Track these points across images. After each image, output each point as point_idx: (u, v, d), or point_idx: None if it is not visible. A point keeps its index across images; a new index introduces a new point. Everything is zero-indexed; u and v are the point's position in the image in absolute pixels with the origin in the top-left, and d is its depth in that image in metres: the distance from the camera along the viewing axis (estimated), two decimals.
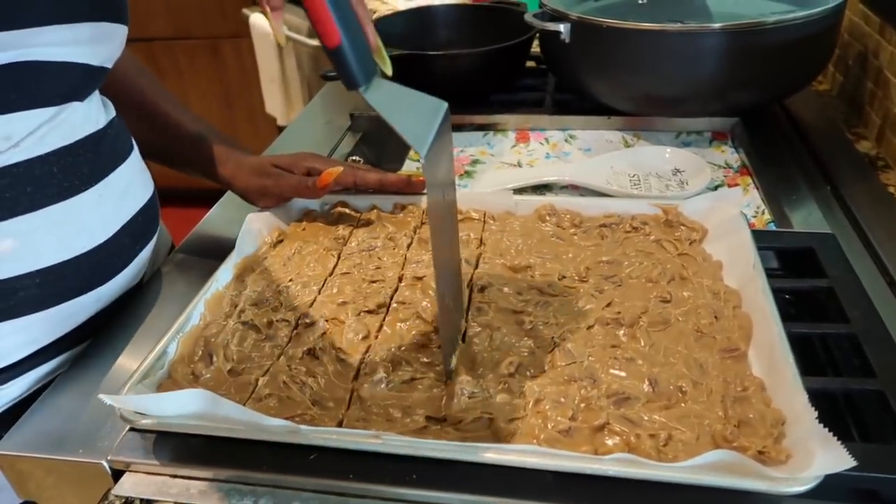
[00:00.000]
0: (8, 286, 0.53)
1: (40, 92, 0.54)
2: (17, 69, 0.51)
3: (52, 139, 0.55)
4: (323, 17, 0.42)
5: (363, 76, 0.44)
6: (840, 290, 0.57)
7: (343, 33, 0.42)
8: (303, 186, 0.67)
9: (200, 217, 0.78)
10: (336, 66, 0.44)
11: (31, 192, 0.53)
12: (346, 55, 0.43)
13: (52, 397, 0.54)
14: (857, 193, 0.74)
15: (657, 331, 0.53)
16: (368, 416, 0.47)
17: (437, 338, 0.53)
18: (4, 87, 0.51)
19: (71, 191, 0.56)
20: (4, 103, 0.51)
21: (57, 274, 0.56)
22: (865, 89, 0.92)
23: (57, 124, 0.55)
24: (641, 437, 0.44)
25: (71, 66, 0.55)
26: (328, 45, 0.43)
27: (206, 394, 0.45)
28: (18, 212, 0.53)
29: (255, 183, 0.69)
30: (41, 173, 0.54)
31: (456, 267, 0.54)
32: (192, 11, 2.35)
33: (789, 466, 0.41)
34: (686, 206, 0.65)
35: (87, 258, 0.58)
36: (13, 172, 0.52)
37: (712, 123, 0.90)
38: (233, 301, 0.58)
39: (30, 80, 0.52)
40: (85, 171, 0.58)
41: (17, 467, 0.50)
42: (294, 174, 0.69)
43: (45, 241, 0.55)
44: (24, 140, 0.52)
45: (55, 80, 0.54)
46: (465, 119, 0.96)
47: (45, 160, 0.54)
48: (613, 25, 0.82)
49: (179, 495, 0.45)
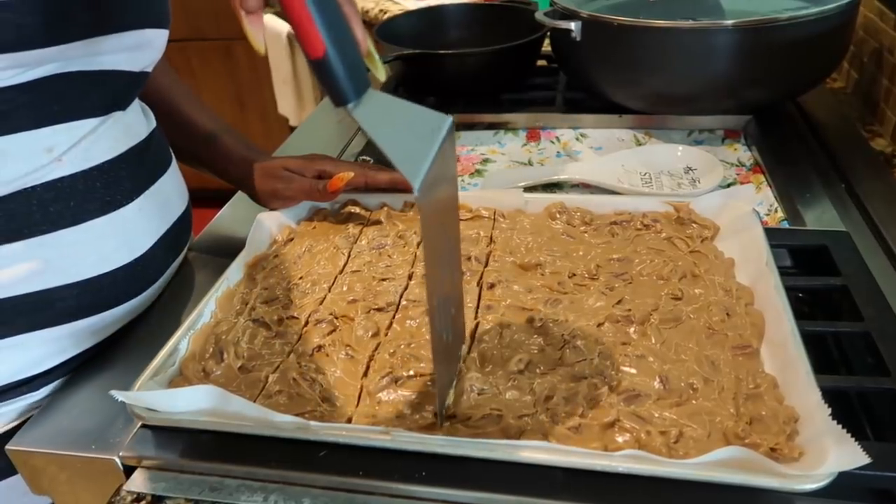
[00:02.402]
0: (45, 297, 0.54)
1: (83, 102, 0.54)
2: (58, 80, 0.51)
3: (96, 153, 0.55)
4: (304, 22, 0.36)
5: (353, 90, 0.38)
6: (854, 288, 0.56)
7: (328, 41, 0.37)
8: (314, 190, 0.67)
9: (212, 216, 0.78)
10: (321, 80, 0.38)
11: (74, 206, 0.54)
12: (333, 67, 0.37)
13: (66, 394, 0.54)
14: (872, 191, 0.73)
15: (668, 328, 0.52)
16: (378, 413, 0.47)
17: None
18: (46, 100, 0.51)
19: (113, 205, 0.56)
20: (47, 115, 0.51)
21: (95, 286, 0.56)
22: (881, 86, 0.91)
23: (99, 137, 0.55)
24: (652, 434, 0.43)
25: (113, 73, 0.55)
26: (311, 56, 0.37)
27: (216, 390, 0.46)
28: (62, 225, 0.53)
29: (267, 185, 0.69)
30: (85, 188, 0.54)
31: (457, 302, 0.49)
32: (206, 13, 2.37)
33: (802, 464, 0.41)
34: (698, 203, 0.65)
35: (124, 271, 0.58)
36: (58, 187, 0.53)
37: (725, 121, 0.89)
38: (243, 299, 0.59)
39: (72, 91, 0.52)
40: (127, 185, 0.58)
41: (31, 463, 0.50)
42: (305, 177, 0.68)
43: (86, 254, 0.55)
44: (66, 153, 0.53)
45: (98, 90, 0.54)
46: (476, 118, 0.96)
47: (88, 175, 0.54)
48: (625, 23, 0.81)
49: (190, 491, 0.45)
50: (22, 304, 0.53)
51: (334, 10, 0.37)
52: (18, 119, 0.50)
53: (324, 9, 0.36)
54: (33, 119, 0.51)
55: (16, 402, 0.57)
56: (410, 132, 0.39)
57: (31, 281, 0.53)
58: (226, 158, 0.71)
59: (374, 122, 0.38)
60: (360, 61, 0.39)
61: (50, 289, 0.54)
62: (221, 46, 2.43)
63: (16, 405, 0.57)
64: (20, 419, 0.57)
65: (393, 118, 0.39)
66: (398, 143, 0.38)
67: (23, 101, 0.50)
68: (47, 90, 0.51)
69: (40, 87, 0.50)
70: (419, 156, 0.37)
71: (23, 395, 0.57)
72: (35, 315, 0.54)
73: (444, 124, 0.40)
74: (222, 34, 2.40)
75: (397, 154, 0.37)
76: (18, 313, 0.53)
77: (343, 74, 0.38)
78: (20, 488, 0.53)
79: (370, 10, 1.58)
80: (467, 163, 0.88)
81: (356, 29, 0.40)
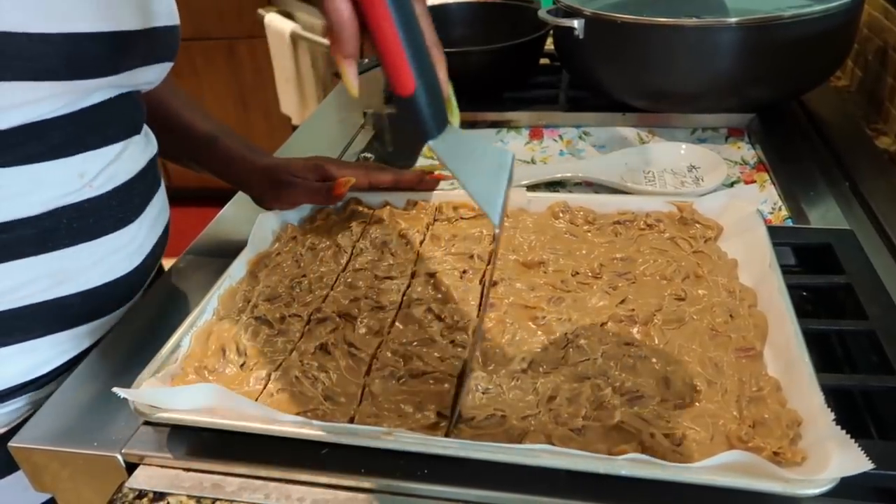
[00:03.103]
0: (62, 303, 0.57)
1: (111, 131, 0.57)
2: (96, 110, 0.55)
3: (118, 175, 0.58)
4: (397, 61, 0.37)
5: (436, 127, 0.40)
6: (858, 286, 0.56)
7: (418, 79, 0.38)
8: (317, 194, 0.68)
9: (212, 216, 0.78)
10: (407, 115, 0.40)
11: (93, 223, 0.57)
12: (420, 104, 0.39)
13: (68, 391, 0.54)
14: (877, 189, 0.72)
15: (671, 329, 0.52)
16: (380, 412, 0.47)
17: (447, 334, 0.53)
18: (84, 130, 0.54)
19: (124, 221, 0.60)
20: (82, 144, 0.55)
21: (99, 294, 0.59)
22: (885, 85, 0.91)
23: (123, 160, 0.59)
24: (656, 437, 0.43)
25: (134, 101, 0.59)
26: (401, 93, 0.38)
27: (218, 388, 0.46)
28: (81, 240, 0.56)
29: (270, 189, 0.69)
30: (104, 207, 0.57)
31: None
32: (209, 12, 2.37)
33: (805, 468, 0.40)
34: (701, 203, 0.65)
35: (125, 280, 0.61)
36: (84, 208, 0.56)
37: (728, 119, 0.89)
38: (246, 296, 0.59)
39: (104, 120, 0.56)
40: (136, 201, 0.61)
41: (33, 460, 0.50)
42: (308, 180, 0.68)
43: (98, 265, 0.58)
44: (96, 178, 0.56)
45: (123, 117, 0.59)
46: (479, 116, 0.95)
47: (110, 195, 0.58)
48: (628, 21, 0.81)
49: (192, 489, 0.45)
50: (40, 312, 0.56)
51: (424, 50, 0.39)
52: (59, 148, 0.53)
53: (416, 48, 0.38)
54: (71, 149, 0.54)
55: (20, 401, 0.58)
56: (483, 167, 0.42)
57: (52, 290, 0.56)
58: (226, 160, 0.72)
59: (453, 158, 0.41)
60: (442, 100, 0.41)
61: (65, 296, 0.57)
62: (225, 46, 2.44)
63: (18, 403, 0.58)
64: (21, 417, 0.58)
65: (467, 153, 0.42)
66: (476, 178, 0.41)
67: (69, 132, 0.53)
68: (87, 121, 0.54)
69: (83, 117, 0.54)
70: (495, 192, 0.41)
71: (27, 394, 0.58)
72: (51, 321, 0.57)
73: (507, 159, 0.43)
74: (226, 34, 2.41)
75: (477, 190, 0.40)
76: (35, 320, 0.56)
77: (428, 112, 0.40)
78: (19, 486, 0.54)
79: None
80: None
81: (441, 73, 0.41)
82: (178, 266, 0.69)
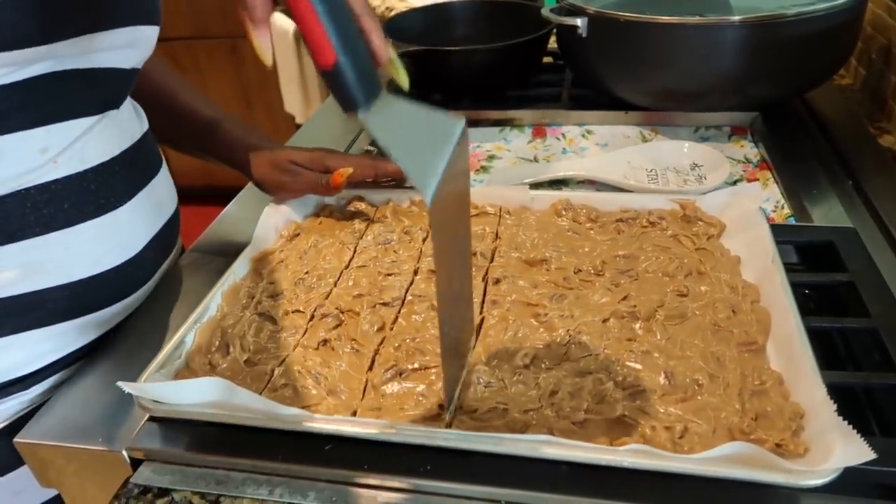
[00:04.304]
0: (37, 298, 0.54)
1: (77, 102, 0.53)
2: (52, 79, 0.51)
3: (91, 155, 0.55)
4: (314, 31, 0.36)
5: (363, 97, 0.38)
6: (861, 284, 0.56)
7: (339, 50, 0.37)
8: (318, 184, 0.67)
9: (215, 214, 0.78)
10: (331, 88, 0.38)
11: (69, 208, 0.54)
12: (343, 75, 0.37)
13: (73, 387, 0.54)
14: (879, 187, 0.72)
15: (674, 324, 0.52)
16: (382, 406, 0.47)
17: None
18: (41, 99, 0.51)
19: (106, 207, 0.56)
20: (41, 115, 0.51)
21: (86, 287, 0.56)
22: (889, 83, 0.91)
23: (93, 137, 0.55)
24: (657, 430, 0.43)
25: (106, 71, 0.55)
26: (321, 65, 0.37)
27: (222, 382, 0.46)
28: (54, 227, 0.53)
29: (272, 177, 0.69)
30: (79, 190, 0.54)
31: (466, 298, 0.50)
32: (212, 11, 2.37)
33: (807, 459, 0.41)
34: (704, 201, 0.65)
35: (115, 272, 0.58)
36: (52, 189, 0.52)
37: (731, 118, 0.89)
38: (249, 293, 0.59)
39: (66, 90, 0.52)
40: (121, 186, 0.58)
41: (39, 455, 0.51)
42: (311, 171, 0.68)
43: (78, 256, 0.55)
44: (61, 154, 0.52)
45: (91, 89, 0.54)
46: (482, 114, 0.95)
47: (83, 177, 0.54)
48: (631, 19, 0.81)
49: (196, 484, 0.45)
50: (12, 306, 0.53)
51: (347, 18, 0.37)
52: (12, 119, 0.50)
53: (336, 17, 0.36)
54: (28, 119, 0.50)
55: (8, 401, 0.56)
56: (422, 139, 0.39)
57: (22, 283, 0.53)
58: (229, 145, 0.71)
59: (385, 130, 0.38)
60: (372, 69, 0.39)
61: (40, 290, 0.54)
62: (228, 44, 2.44)
63: (7, 404, 0.56)
64: (11, 419, 0.57)
65: (404, 125, 0.39)
66: (409, 152, 0.37)
67: (17, 101, 0.49)
68: (41, 89, 0.50)
69: (34, 86, 0.50)
70: (431, 166, 0.37)
71: (14, 395, 0.56)
72: (25, 316, 0.54)
73: (456, 129, 0.39)
74: (229, 32, 2.41)
75: (409, 165, 0.37)
76: (8, 314, 0.53)
77: (355, 84, 0.38)
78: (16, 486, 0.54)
79: (377, 8, 1.58)
80: (473, 159, 0.88)
81: (374, 38, 0.40)
82: (182, 263, 0.70)
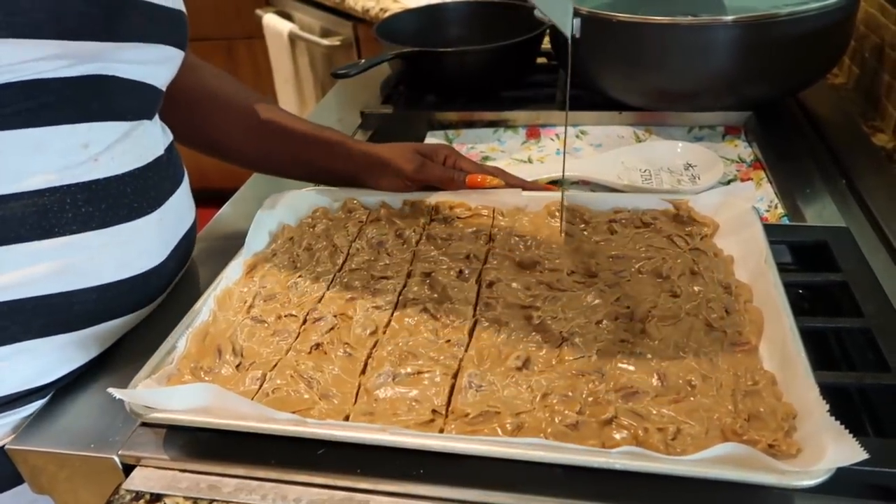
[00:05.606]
0: (65, 299, 0.53)
1: (118, 105, 0.55)
2: (98, 81, 0.53)
3: (128, 159, 0.56)
4: None
5: None
6: (854, 283, 0.56)
7: None
8: (448, 178, 0.71)
9: (212, 216, 0.79)
10: None
11: (105, 209, 0.54)
12: None
13: (65, 393, 0.54)
14: (873, 187, 0.72)
15: (666, 325, 0.52)
16: (375, 411, 0.47)
17: (444, 332, 0.53)
18: (86, 96, 0.52)
19: (139, 212, 0.57)
20: (86, 111, 0.52)
21: (114, 291, 0.56)
22: (882, 82, 0.91)
23: (131, 143, 0.56)
24: (650, 431, 0.43)
25: (140, 84, 0.57)
26: None
27: (214, 388, 0.46)
28: (91, 227, 0.54)
29: (409, 164, 0.72)
30: (116, 192, 0.55)
31: None
32: (207, 12, 2.37)
33: (800, 460, 0.40)
34: (697, 201, 0.65)
35: (142, 279, 0.58)
36: (92, 188, 0.53)
37: (725, 118, 0.89)
38: (242, 297, 0.59)
39: (108, 92, 0.54)
40: (152, 194, 0.59)
41: (31, 462, 0.50)
42: (436, 163, 0.72)
43: (109, 258, 0.55)
44: (102, 154, 0.54)
45: (130, 95, 0.57)
46: (476, 115, 0.95)
47: (121, 180, 0.55)
48: (624, 20, 0.81)
49: (188, 490, 0.45)
50: (41, 306, 0.53)
51: None
52: (59, 112, 0.51)
53: None
54: (73, 113, 0.52)
55: (18, 413, 0.55)
56: None
57: (53, 282, 0.53)
58: (342, 154, 0.74)
59: None
60: None
61: (70, 291, 0.54)
62: (223, 46, 2.43)
63: (17, 416, 0.55)
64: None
65: None
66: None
67: (67, 95, 0.51)
68: (89, 87, 0.52)
69: (84, 83, 0.51)
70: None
71: (25, 406, 0.55)
72: (51, 318, 0.54)
73: None
74: (224, 34, 2.41)
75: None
76: (36, 315, 0.53)
77: None
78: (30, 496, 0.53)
79: (371, 9, 1.58)
80: None
81: None
82: None
